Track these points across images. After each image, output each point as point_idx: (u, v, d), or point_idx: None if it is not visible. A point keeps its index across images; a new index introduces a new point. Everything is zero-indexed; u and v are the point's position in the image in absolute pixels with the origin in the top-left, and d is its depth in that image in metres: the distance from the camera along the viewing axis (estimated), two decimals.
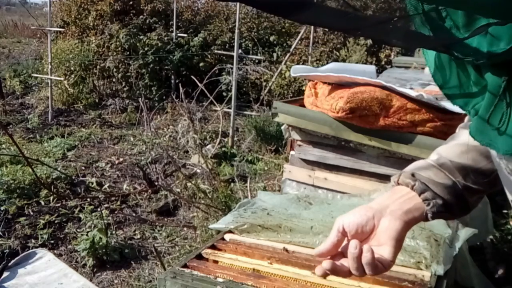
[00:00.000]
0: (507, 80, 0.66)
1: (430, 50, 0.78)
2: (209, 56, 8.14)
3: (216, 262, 1.53)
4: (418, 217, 0.83)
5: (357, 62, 7.20)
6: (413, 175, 0.85)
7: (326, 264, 0.81)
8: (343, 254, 0.84)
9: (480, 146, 0.80)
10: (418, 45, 0.70)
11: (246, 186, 3.89)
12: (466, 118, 0.95)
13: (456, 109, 0.79)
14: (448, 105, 1.96)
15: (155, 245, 3.18)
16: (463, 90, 0.76)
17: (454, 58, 0.68)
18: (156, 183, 4.12)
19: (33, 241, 3.31)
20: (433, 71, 0.79)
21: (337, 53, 7.94)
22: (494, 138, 0.70)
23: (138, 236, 3.49)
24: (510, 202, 0.78)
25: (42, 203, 3.83)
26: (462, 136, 0.90)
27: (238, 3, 6.69)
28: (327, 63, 5.81)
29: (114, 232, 3.40)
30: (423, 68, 4.07)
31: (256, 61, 7.50)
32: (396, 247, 0.80)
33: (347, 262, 0.81)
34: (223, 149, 5.24)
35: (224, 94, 6.80)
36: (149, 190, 4.09)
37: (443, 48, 0.66)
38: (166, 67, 7.94)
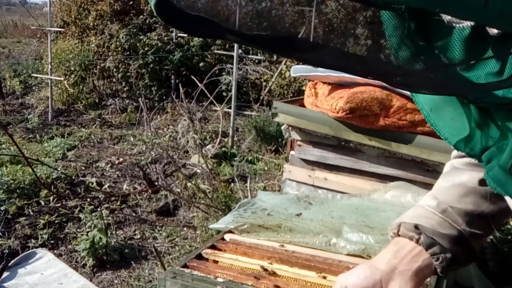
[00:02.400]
0: None
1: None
2: (209, 56, 8.14)
3: (216, 262, 1.53)
4: (428, 274, 0.77)
5: None
6: (416, 227, 0.78)
7: None
8: None
9: (479, 188, 0.74)
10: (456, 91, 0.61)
11: (246, 186, 3.89)
12: (453, 153, 0.87)
13: None
14: None
15: (155, 245, 3.18)
16: (467, 134, 0.68)
17: (474, 103, 0.60)
18: (156, 183, 4.12)
19: (33, 241, 3.31)
20: (429, 114, 0.73)
21: None
22: None
23: (138, 236, 3.49)
24: None
25: (42, 203, 3.83)
26: (457, 177, 0.82)
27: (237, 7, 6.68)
28: None
29: (114, 232, 3.40)
30: None
31: (256, 61, 7.50)
32: None
33: None
34: (223, 149, 5.24)
35: (224, 94, 6.80)
36: (149, 190, 4.09)
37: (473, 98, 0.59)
38: (166, 67, 7.94)
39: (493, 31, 0.51)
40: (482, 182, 0.73)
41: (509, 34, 0.50)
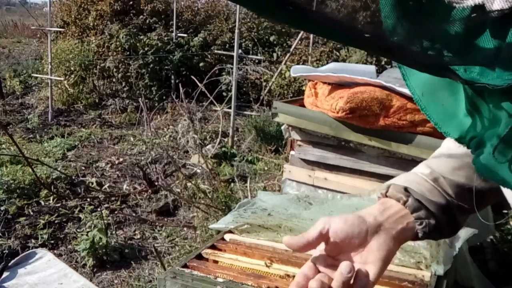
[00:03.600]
0: None
1: (413, 76, 0.71)
2: (209, 56, 8.15)
3: (216, 262, 1.53)
4: (410, 236, 0.76)
5: (357, 62, 7.20)
6: (405, 189, 0.78)
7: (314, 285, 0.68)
8: (315, 266, 0.72)
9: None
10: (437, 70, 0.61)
11: (246, 186, 3.89)
12: None
13: None
14: None
15: (155, 245, 3.18)
16: (458, 119, 0.69)
17: (466, 84, 0.61)
18: (156, 183, 4.12)
19: (33, 241, 3.31)
20: (420, 98, 0.72)
21: (337, 53, 7.94)
22: (507, 173, 0.62)
23: (138, 236, 3.49)
24: None
25: (42, 203, 3.83)
26: (453, 151, 0.83)
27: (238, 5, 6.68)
28: (327, 63, 5.81)
29: (114, 232, 3.40)
30: None
31: (256, 61, 7.50)
32: (383, 268, 0.72)
33: (326, 278, 0.69)
34: (223, 149, 5.24)
35: (224, 94, 6.80)
36: (149, 190, 4.09)
37: (449, 73, 0.59)
38: (166, 67, 7.94)
39: (494, 8, 0.51)
40: None
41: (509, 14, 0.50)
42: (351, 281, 0.68)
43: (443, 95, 0.70)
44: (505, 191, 0.70)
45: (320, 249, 0.74)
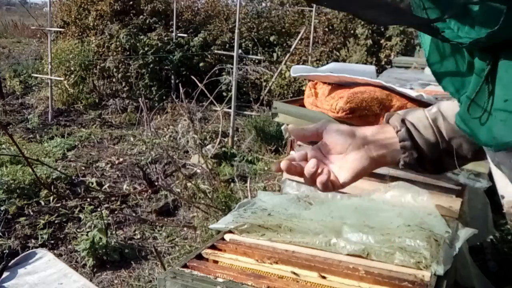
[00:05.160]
0: (491, 65, 0.64)
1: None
2: (209, 56, 8.15)
3: (216, 262, 1.53)
4: (390, 161, 0.85)
5: (357, 62, 7.20)
6: (403, 120, 0.86)
7: (283, 163, 0.83)
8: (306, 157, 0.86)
9: None
10: (396, 20, 0.68)
11: (246, 186, 3.89)
12: None
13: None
14: None
15: (155, 245, 3.18)
16: (457, 75, 0.74)
17: (440, 40, 0.66)
18: (156, 183, 4.12)
19: (33, 241, 3.32)
20: (428, 52, 0.77)
21: (337, 53, 7.95)
22: (476, 128, 0.68)
23: (138, 236, 3.49)
24: (499, 197, 0.76)
25: (42, 203, 3.83)
26: None
27: (238, 3, 6.69)
28: (327, 63, 5.81)
29: (114, 232, 3.40)
30: (423, 68, 4.07)
31: (256, 61, 7.50)
32: (353, 178, 0.84)
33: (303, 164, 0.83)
34: (223, 149, 5.24)
35: (224, 94, 6.80)
36: (149, 190, 4.09)
37: (429, 29, 0.64)
38: (166, 67, 7.94)
39: None
40: None
41: None
42: (316, 174, 0.82)
43: (448, 53, 0.75)
44: (498, 173, 0.72)
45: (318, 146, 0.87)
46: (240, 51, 6.33)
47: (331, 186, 0.83)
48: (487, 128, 0.65)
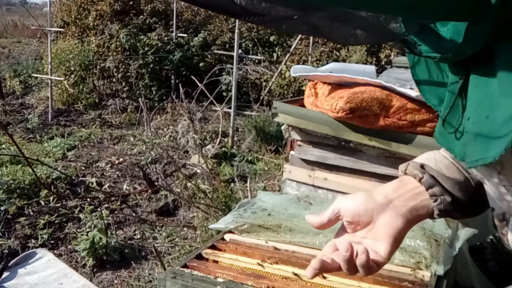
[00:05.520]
0: (464, 80, 0.63)
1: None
2: (209, 56, 8.14)
3: (216, 262, 1.53)
4: (424, 214, 0.75)
5: (357, 62, 7.20)
6: (422, 166, 0.77)
7: (316, 263, 0.72)
8: (336, 247, 0.76)
9: None
10: (374, 38, 0.67)
11: (246, 186, 3.89)
12: None
13: None
14: None
15: (155, 245, 3.18)
16: (440, 90, 0.73)
17: (413, 54, 0.66)
18: (156, 183, 4.12)
19: (33, 241, 3.31)
20: (412, 65, 0.77)
21: (337, 53, 7.94)
22: (453, 142, 0.66)
23: (138, 236, 3.49)
24: (491, 209, 0.72)
25: (42, 203, 3.83)
26: None
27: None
28: (327, 63, 5.81)
29: (114, 232, 3.40)
30: None
31: (256, 61, 7.50)
32: (394, 246, 0.73)
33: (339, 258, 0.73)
34: (223, 149, 5.24)
35: (224, 94, 6.80)
36: (149, 190, 4.09)
37: (404, 43, 0.63)
38: (166, 67, 7.94)
39: None
40: None
41: None
42: (354, 257, 0.71)
43: (433, 67, 0.74)
44: (487, 187, 0.70)
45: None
46: (240, 51, 6.33)
47: (375, 265, 0.72)
48: (461, 144, 0.64)
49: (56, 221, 3.57)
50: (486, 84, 0.58)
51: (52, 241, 3.35)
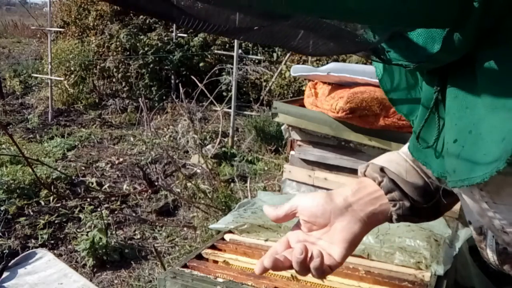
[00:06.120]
0: (440, 91, 0.58)
1: None
2: (209, 56, 8.15)
3: (216, 262, 1.53)
4: (382, 219, 0.74)
5: (357, 62, 7.20)
6: (382, 169, 0.76)
7: (267, 261, 0.70)
8: (289, 244, 0.75)
9: None
10: (343, 49, 0.60)
11: (246, 186, 3.89)
12: None
13: None
14: None
15: (155, 245, 3.18)
16: (410, 96, 0.69)
17: (382, 62, 0.60)
18: (156, 183, 4.12)
19: (33, 241, 3.31)
20: (381, 74, 0.73)
21: None
22: (430, 157, 0.62)
23: (138, 236, 3.49)
24: (467, 222, 0.69)
25: (42, 203, 3.83)
26: None
27: None
28: (327, 63, 5.80)
29: (114, 232, 3.40)
30: None
31: (256, 61, 7.50)
32: (349, 250, 0.71)
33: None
34: (223, 149, 5.24)
35: (224, 94, 6.80)
36: (149, 190, 4.09)
37: (372, 52, 0.58)
38: (166, 67, 7.94)
39: None
40: None
41: None
42: (308, 260, 0.70)
43: (402, 73, 0.71)
44: (464, 201, 0.66)
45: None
46: (240, 51, 6.32)
47: (328, 269, 0.71)
48: (440, 160, 0.60)
49: (56, 221, 3.57)
50: (466, 95, 0.52)
51: (52, 241, 3.35)
